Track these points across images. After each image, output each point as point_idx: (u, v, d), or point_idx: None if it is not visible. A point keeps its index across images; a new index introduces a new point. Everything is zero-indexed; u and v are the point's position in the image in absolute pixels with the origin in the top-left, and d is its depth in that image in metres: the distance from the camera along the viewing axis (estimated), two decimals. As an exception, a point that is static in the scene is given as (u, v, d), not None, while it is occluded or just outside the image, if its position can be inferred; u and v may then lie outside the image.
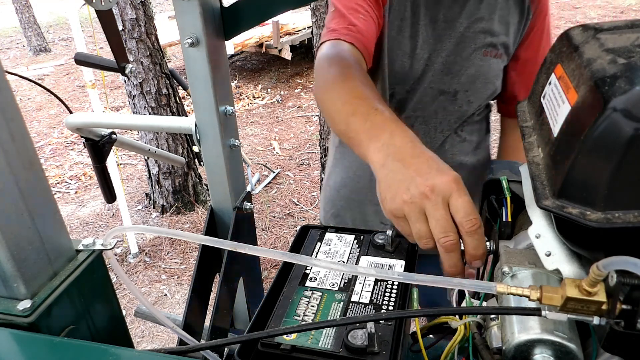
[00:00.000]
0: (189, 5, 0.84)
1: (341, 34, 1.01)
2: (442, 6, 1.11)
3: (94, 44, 5.85)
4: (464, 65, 1.16)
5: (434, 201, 0.63)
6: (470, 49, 1.15)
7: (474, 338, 0.64)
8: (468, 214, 0.62)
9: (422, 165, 0.66)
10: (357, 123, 0.77)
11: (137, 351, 0.54)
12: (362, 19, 1.04)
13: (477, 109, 1.25)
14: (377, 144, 0.72)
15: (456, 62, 1.16)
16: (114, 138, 1.16)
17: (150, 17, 3.33)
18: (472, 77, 1.18)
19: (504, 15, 1.14)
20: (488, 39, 1.15)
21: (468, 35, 1.14)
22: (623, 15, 7.72)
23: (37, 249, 0.59)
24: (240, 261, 1.06)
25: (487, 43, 1.15)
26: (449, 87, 1.18)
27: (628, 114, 0.44)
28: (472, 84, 1.19)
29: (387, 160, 0.69)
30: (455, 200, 0.63)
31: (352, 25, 1.03)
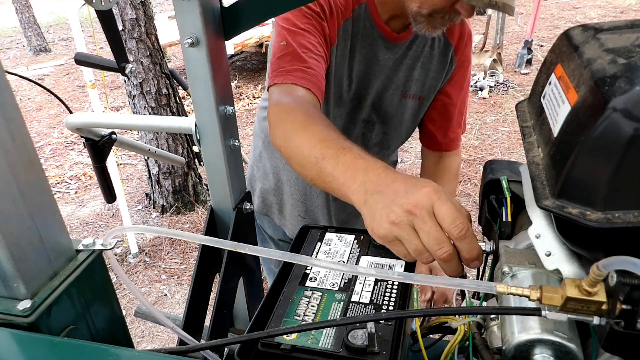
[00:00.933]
0: (189, 5, 0.84)
1: (296, 78, 1.00)
2: (376, 49, 1.22)
3: (94, 44, 5.85)
4: (384, 102, 1.30)
5: (420, 215, 0.64)
6: (392, 90, 1.28)
7: (474, 338, 0.64)
8: (454, 221, 0.63)
9: (399, 187, 0.68)
10: (329, 167, 0.78)
11: (137, 351, 0.54)
12: (315, 59, 1.06)
13: (395, 142, 1.42)
14: (355, 184, 0.73)
15: (382, 99, 1.29)
16: (114, 138, 1.16)
17: (150, 17, 3.33)
18: (391, 115, 1.33)
19: (426, 62, 1.28)
20: (409, 82, 1.29)
21: (391, 77, 1.27)
22: (623, 15, 7.72)
23: (37, 249, 0.59)
24: (240, 261, 1.06)
25: (407, 86, 1.29)
26: (370, 119, 1.32)
27: (628, 114, 0.44)
28: (390, 120, 1.34)
29: (367, 197, 0.71)
30: (438, 210, 0.64)
31: (307, 67, 1.02)
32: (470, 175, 3.93)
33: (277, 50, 1.07)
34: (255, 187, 1.52)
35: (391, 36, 1.20)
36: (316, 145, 0.82)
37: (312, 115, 0.91)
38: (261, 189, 1.49)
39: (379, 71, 1.24)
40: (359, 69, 1.22)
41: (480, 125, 4.70)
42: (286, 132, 0.90)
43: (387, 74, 1.25)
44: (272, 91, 1.02)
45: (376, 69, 1.24)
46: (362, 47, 1.20)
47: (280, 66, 1.03)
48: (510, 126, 4.65)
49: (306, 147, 0.83)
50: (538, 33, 6.86)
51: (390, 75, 1.26)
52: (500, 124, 4.73)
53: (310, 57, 1.05)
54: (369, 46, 1.20)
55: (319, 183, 0.83)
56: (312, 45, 1.07)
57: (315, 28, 1.09)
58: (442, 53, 1.28)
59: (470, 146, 4.31)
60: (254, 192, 1.53)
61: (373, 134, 1.35)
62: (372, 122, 1.33)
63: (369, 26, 1.18)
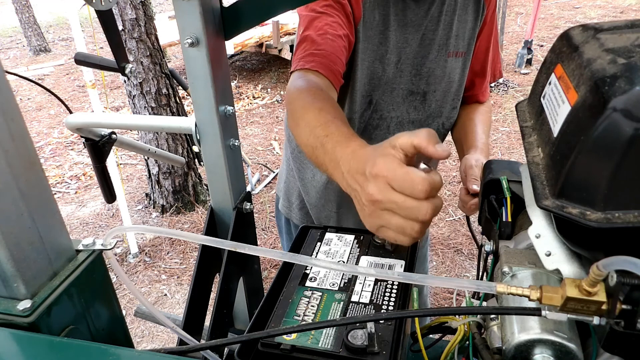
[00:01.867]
0: (189, 5, 0.84)
1: (306, 62, 1.04)
2: (409, 11, 1.15)
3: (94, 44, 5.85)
4: (430, 67, 1.22)
5: (383, 199, 0.63)
6: (434, 50, 1.21)
7: (474, 338, 0.64)
8: (412, 185, 0.62)
9: (359, 177, 0.68)
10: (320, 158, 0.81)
11: (137, 351, 0.54)
12: (330, 40, 1.07)
13: (449, 109, 1.32)
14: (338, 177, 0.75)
15: (424, 64, 1.22)
16: (114, 138, 1.16)
17: (150, 17, 3.33)
18: (439, 79, 1.25)
19: (462, 14, 1.20)
20: (450, 40, 1.21)
21: (432, 38, 1.20)
22: (623, 15, 7.72)
23: (37, 249, 0.59)
24: (240, 261, 1.06)
25: (449, 44, 1.22)
26: (417, 88, 1.24)
27: (628, 114, 0.44)
28: (438, 84, 1.25)
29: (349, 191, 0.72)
30: (395, 184, 0.63)
31: (317, 50, 1.05)
32: (470, 175, 3.92)
33: (297, 40, 1.11)
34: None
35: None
36: (310, 134, 0.84)
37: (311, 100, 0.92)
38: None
39: (417, 34, 1.18)
40: (396, 37, 1.16)
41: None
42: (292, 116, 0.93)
43: (427, 35, 1.19)
44: (290, 79, 1.05)
45: (414, 32, 1.18)
46: (395, 15, 1.15)
47: (296, 56, 1.08)
48: (510, 126, 4.65)
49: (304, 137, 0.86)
50: (538, 33, 6.86)
51: (430, 35, 1.19)
52: (500, 124, 4.73)
53: (326, 39, 1.06)
54: (402, 11, 1.15)
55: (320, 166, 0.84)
56: (329, 25, 1.07)
57: (334, 8, 1.09)
58: (474, 1, 1.21)
59: (470, 146, 4.31)
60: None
61: (425, 105, 1.27)
62: (420, 92, 1.25)
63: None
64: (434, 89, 1.26)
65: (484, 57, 1.31)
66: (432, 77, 1.24)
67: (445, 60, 1.23)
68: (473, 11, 1.22)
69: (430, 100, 1.27)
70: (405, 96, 1.25)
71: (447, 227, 3.41)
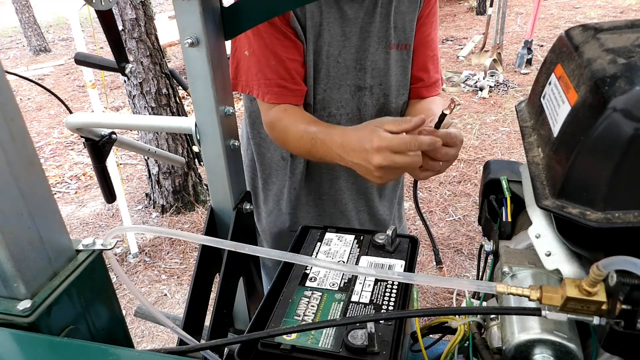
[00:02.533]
0: (189, 5, 0.84)
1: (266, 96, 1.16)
2: (343, 3, 1.14)
3: (94, 44, 5.85)
4: (372, 59, 1.21)
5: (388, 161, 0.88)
6: (374, 43, 1.20)
7: (474, 338, 0.64)
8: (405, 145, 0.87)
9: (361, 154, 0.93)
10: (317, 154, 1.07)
11: (137, 351, 0.54)
12: (273, 66, 1.13)
13: (396, 103, 1.30)
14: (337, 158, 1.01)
15: (366, 57, 1.20)
16: (114, 138, 1.16)
17: (150, 17, 3.33)
18: (383, 72, 1.23)
19: (399, 6, 1.19)
20: (390, 32, 1.19)
21: (370, 30, 1.18)
22: (623, 15, 7.72)
23: (37, 249, 0.59)
24: (240, 261, 1.06)
25: (389, 36, 1.20)
26: (363, 83, 1.23)
27: (628, 114, 0.44)
28: (384, 77, 1.24)
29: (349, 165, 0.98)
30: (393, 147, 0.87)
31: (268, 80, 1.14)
32: (470, 175, 3.93)
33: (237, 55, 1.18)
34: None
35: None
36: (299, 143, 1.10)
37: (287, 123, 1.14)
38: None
39: (354, 27, 1.17)
40: (332, 30, 1.15)
41: (480, 125, 4.70)
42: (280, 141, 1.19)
43: (364, 27, 1.18)
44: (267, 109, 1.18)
45: (351, 25, 1.16)
46: (329, 7, 1.13)
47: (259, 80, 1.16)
48: (510, 126, 4.65)
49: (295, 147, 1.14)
50: (538, 33, 6.86)
51: (367, 28, 1.18)
52: (500, 124, 4.73)
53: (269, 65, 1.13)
54: (335, 4, 1.13)
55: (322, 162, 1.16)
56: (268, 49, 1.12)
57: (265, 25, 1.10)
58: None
59: (470, 146, 4.31)
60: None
61: (374, 99, 1.26)
62: (367, 86, 1.24)
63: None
64: (379, 82, 1.25)
65: (427, 50, 1.28)
66: (375, 70, 1.23)
67: (387, 53, 1.22)
68: (410, 3, 1.20)
69: (377, 95, 1.26)
70: (354, 92, 1.24)
71: (447, 227, 3.41)
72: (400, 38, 1.22)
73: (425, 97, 1.32)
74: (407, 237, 0.83)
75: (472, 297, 0.72)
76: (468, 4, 9.36)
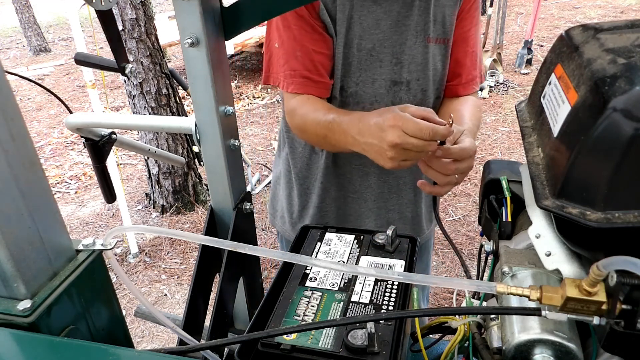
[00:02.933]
0: (189, 5, 0.84)
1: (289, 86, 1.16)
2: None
3: (94, 44, 5.85)
4: (410, 54, 1.18)
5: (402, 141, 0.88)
6: (412, 37, 1.17)
7: (474, 338, 0.64)
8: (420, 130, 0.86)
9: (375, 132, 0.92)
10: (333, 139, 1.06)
11: (137, 351, 0.54)
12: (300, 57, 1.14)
13: (434, 98, 1.27)
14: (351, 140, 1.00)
15: (403, 51, 1.18)
16: (114, 138, 1.16)
17: (150, 17, 3.33)
18: (421, 66, 1.20)
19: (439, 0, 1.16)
20: (429, 25, 1.17)
21: (407, 23, 1.16)
22: (623, 15, 7.72)
23: (37, 249, 0.59)
24: (240, 261, 1.06)
25: (428, 29, 1.17)
26: (400, 77, 1.21)
27: (628, 114, 0.44)
28: (421, 72, 1.21)
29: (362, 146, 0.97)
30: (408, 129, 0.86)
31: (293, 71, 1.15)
32: (470, 175, 3.92)
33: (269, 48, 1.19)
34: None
35: None
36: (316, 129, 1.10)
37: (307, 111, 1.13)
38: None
39: (388, 20, 1.14)
40: (364, 26, 1.13)
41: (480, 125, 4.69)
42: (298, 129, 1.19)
43: (401, 20, 1.15)
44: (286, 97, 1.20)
45: (385, 18, 1.14)
46: (360, 4, 1.12)
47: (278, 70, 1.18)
48: (510, 126, 4.65)
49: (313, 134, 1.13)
50: (538, 33, 6.86)
51: (405, 21, 1.15)
52: (500, 124, 4.73)
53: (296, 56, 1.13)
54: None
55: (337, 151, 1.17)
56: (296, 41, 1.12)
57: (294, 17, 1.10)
58: None
59: (470, 146, 4.30)
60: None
61: (410, 95, 1.23)
62: (404, 81, 1.21)
63: None
64: (417, 77, 1.21)
65: (465, 46, 1.25)
66: (413, 64, 1.20)
67: (426, 47, 1.19)
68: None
69: (415, 90, 1.23)
70: (389, 87, 1.21)
71: (447, 227, 3.41)
72: (439, 32, 1.19)
73: (461, 94, 1.28)
74: (407, 237, 0.83)
75: (472, 297, 0.72)
76: (468, 4, 9.34)
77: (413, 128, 0.86)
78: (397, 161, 0.91)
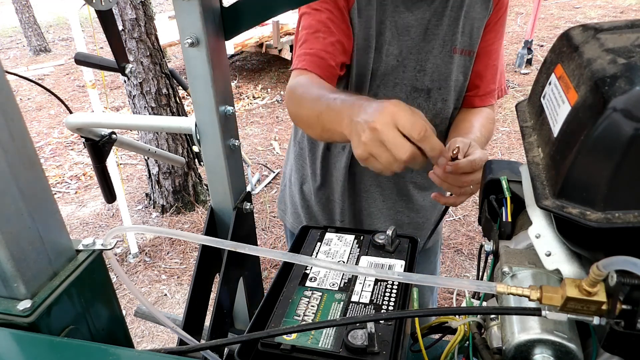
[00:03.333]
0: (189, 5, 0.84)
1: (299, 62, 1.11)
2: (410, 3, 1.13)
3: (94, 44, 5.85)
4: (435, 62, 1.19)
5: (382, 129, 0.75)
6: (439, 46, 1.17)
7: (474, 338, 0.64)
8: (412, 125, 0.75)
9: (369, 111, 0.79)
10: (327, 117, 0.92)
11: (137, 351, 0.54)
12: (322, 38, 1.11)
13: (453, 109, 1.27)
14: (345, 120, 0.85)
15: (428, 59, 1.18)
16: (114, 138, 1.16)
17: (150, 17, 3.33)
18: (444, 76, 1.20)
19: (470, 11, 1.17)
20: (457, 36, 1.17)
21: (436, 33, 1.16)
22: (623, 15, 7.72)
23: (37, 249, 0.59)
24: (240, 261, 1.06)
25: (455, 40, 1.17)
26: (421, 85, 1.21)
27: (628, 114, 0.44)
28: (444, 82, 1.21)
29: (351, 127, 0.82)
30: (398, 120, 0.75)
31: (310, 49, 1.11)
32: (470, 175, 3.92)
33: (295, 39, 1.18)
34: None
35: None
36: (315, 104, 0.97)
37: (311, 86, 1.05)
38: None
39: (419, 27, 1.15)
40: (396, 27, 1.13)
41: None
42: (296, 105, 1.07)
43: (430, 29, 1.15)
44: (297, 75, 1.13)
45: (416, 25, 1.14)
46: (395, 5, 1.12)
47: (294, 54, 1.16)
48: (510, 126, 4.65)
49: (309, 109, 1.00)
50: (538, 33, 6.86)
51: (434, 30, 1.16)
52: (500, 124, 4.73)
53: (317, 38, 1.11)
54: (402, 2, 1.12)
55: (326, 134, 0.96)
56: (322, 23, 1.10)
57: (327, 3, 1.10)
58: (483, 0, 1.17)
59: (470, 146, 4.30)
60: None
61: (430, 103, 1.23)
62: (425, 88, 1.21)
63: None
64: (439, 86, 1.21)
65: (487, 59, 1.25)
66: (436, 73, 1.20)
67: (451, 57, 1.19)
68: (481, 9, 1.17)
69: (435, 99, 1.23)
70: (409, 92, 1.21)
71: (447, 227, 3.41)
72: (465, 43, 1.20)
73: (477, 106, 1.29)
74: (407, 237, 0.83)
75: (472, 297, 0.72)
76: (468, 4, 9.34)
77: (405, 119, 0.75)
78: (366, 150, 0.78)
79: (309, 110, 1.01)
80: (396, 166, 0.77)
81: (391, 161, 0.76)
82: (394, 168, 0.77)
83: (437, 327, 0.74)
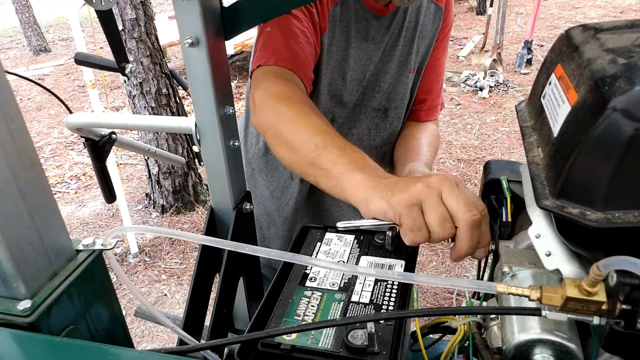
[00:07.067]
0: (189, 5, 0.84)
1: (281, 59, 0.98)
2: (371, 28, 1.14)
3: (94, 44, 5.85)
4: (391, 82, 1.21)
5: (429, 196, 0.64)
6: (395, 66, 1.20)
7: (474, 338, 0.64)
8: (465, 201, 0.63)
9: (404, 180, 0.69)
10: (331, 156, 0.78)
11: (137, 351, 0.54)
12: (301, 44, 1.01)
13: (401, 126, 1.31)
14: (361, 174, 0.73)
15: (385, 80, 1.20)
16: (114, 138, 1.16)
17: (150, 17, 3.33)
18: (400, 95, 1.23)
19: (422, 30, 1.20)
20: (411, 56, 1.20)
21: (392, 54, 1.19)
22: (623, 15, 7.72)
23: (37, 249, 0.59)
24: (240, 261, 1.06)
25: (410, 60, 1.21)
26: (379, 105, 1.23)
27: (628, 114, 0.44)
28: (400, 101, 1.24)
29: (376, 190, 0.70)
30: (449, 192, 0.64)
31: (292, 51, 0.99)
32: (470, 175, 3.92)
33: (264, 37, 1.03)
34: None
35: (382, 12, 1.12)
36: (318, 133, 0.82)
37: (309, 104, 0.91)
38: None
39: (378, 51, 1.17)
40: (358, 54, 1.15)
41: (480, 125, 4.69)
42: (279, 115, 0.88)
43: (387, 50, 1.18)
44: (257, 74, 0.99)
45: (375, 49, 1.16)
46: (357, 32, 1.12)
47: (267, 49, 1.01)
48: (510, 126, 4.65)
49: (305, 133, 0.83)
50: (538, 33, 6.86)
51: (390, 51, 1.18)
52: (500, 124, 4.73)
53: (296, 42, 1.00)
54: (364, 29, 1.13)
55: (309, 170, 0.82)
56: (300, 30, 1.02)
57: (304, 13, 1.03)
58: (434, 18, 1.21)
59: (470, 146, 4.31)
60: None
61: (387, 122, 1.25)
62: (382, 108, 1.24)
63: (359, 8, 1.10)
64: (395, 105, 1.24)
65: (434, 74, 1.30)
66: (393, 93, 1.22)
67: (407, 77, 1.23)
68: (432, 27, 1.21)
69: (392, 117, 1.26)
70: (368, 113, 1.23)
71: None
72: (418, 62, 1.23)
73: (423, 120, 1.33)
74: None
75: (472, 297, 0.72)
76: (468, 4, 9.36)
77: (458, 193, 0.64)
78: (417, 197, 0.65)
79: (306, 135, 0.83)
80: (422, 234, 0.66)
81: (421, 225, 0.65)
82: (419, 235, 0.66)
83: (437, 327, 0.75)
